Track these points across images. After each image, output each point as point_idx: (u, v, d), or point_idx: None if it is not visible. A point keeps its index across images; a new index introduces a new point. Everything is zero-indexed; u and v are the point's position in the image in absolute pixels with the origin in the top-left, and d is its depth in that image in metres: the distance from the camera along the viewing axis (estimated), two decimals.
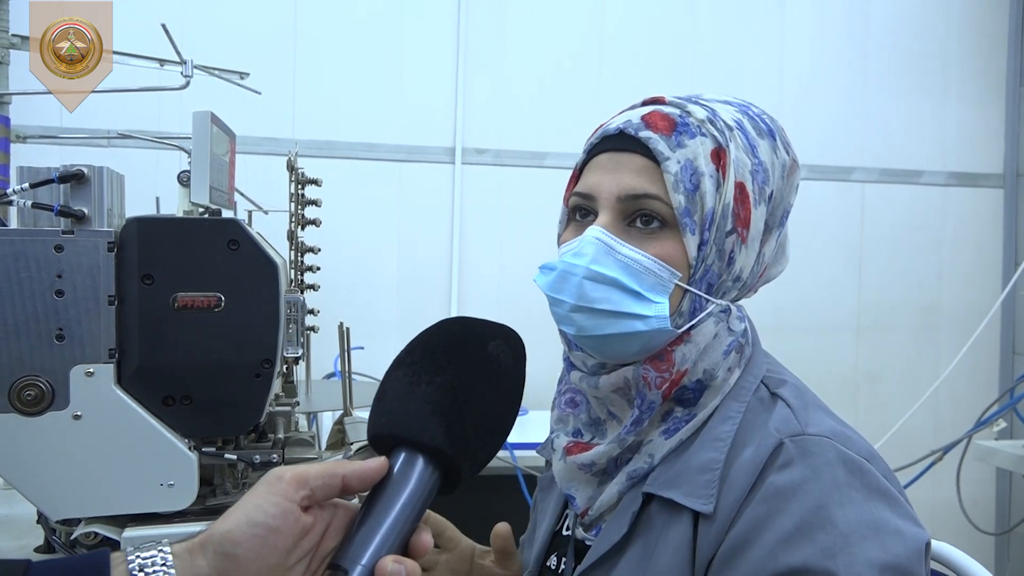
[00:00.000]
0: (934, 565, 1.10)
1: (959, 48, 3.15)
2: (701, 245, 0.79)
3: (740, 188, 0.80)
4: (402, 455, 0.63)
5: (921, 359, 3.14)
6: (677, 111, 0.82)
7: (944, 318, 3.17)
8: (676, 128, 0.80)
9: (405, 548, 0.61)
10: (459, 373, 0.66)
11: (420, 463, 0.63)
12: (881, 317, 3.12)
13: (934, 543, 1.08)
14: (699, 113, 0.81)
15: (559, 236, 0.89)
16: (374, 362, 2.51)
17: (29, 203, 0.94)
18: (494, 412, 0.67)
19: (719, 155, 0.80)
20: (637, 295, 0.78)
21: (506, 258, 2.77)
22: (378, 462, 0.62)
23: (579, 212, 0.85)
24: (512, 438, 0.95)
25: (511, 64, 2.80)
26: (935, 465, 2.57)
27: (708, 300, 0.81)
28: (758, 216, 0.82)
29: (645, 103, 0.86)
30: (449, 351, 0.67)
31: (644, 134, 0.79)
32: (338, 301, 2.11)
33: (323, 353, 2.17)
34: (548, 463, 0.99)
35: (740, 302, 0.88)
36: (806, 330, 3.03)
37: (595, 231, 0.80)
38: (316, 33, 2.66)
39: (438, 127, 2.76)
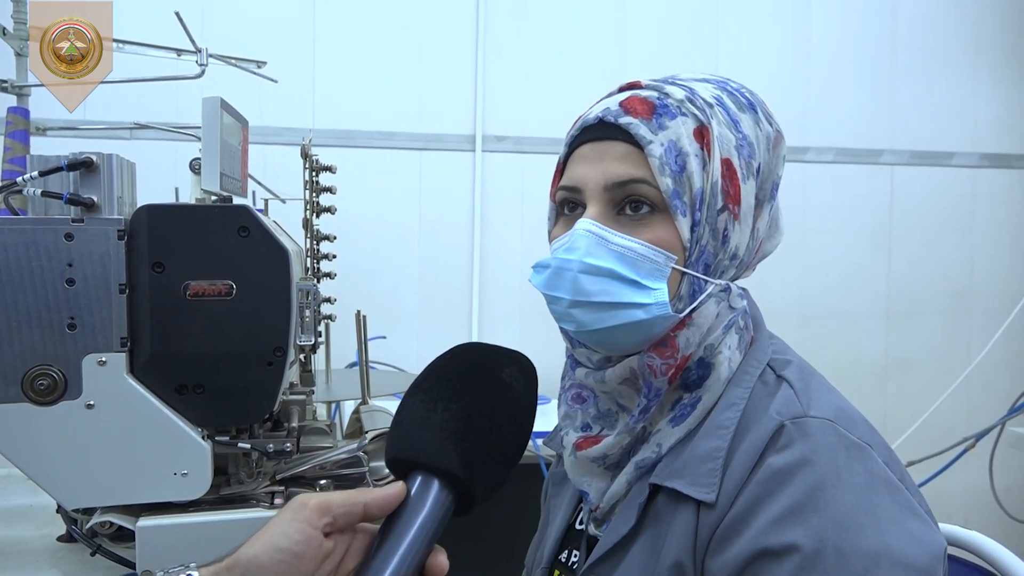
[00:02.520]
0: (967, 555, 1.07)
1: (990, 26, 3.07)
2: (694, 226, 0.78)
3: (727, 164, 0.78)
4: (418, 479, 0.65)
5: (952, 345, 3.08)
6: (655, 94, 0.80)
7: (976, 303, 3.10)
8: (655, 110, 0.78)
9: (421, 570, 0.63)
10: (473, 400, 0.68)
11: (436, 487, 0.65)
12: (911, 303, 3.07)
13: (965, 532, 1.06)
14: (677, 93, 0.80)
15: (549, 233, 0.87)
16: (396, 350, 2.52)
17: (39, 191, 0.93)
18: (507, 437, 0.69)
19: (702, 133, 0.78)
20: (635, 283, 0.77)
21: (527, 245, 2.75)
22: (396, 488, 0.64)
23: (567, 206, 0.84)
24: (536, 426, 0.94)
25: (531, 50, 2.77)
26: (967, 452, 2.52)
27: (707, 281, 0.79)
28: (748, 191, 0.80)
29: (622, 89, 0.84)
30: (464, 378, 0.69)
31: (624, 120, 0.78)
32: (360, 290, 2.10)
33: (345, 342, 2.17)
34: (559, 457, 0.98)
35: (739, 282, 0.86)
36: (834, 316, 2.98)
37: (585, 223, 0.79)
38: (335, 22, 2.65)
39: (458, 115, 2.74)
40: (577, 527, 0.91)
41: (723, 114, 0.80)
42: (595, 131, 0.81)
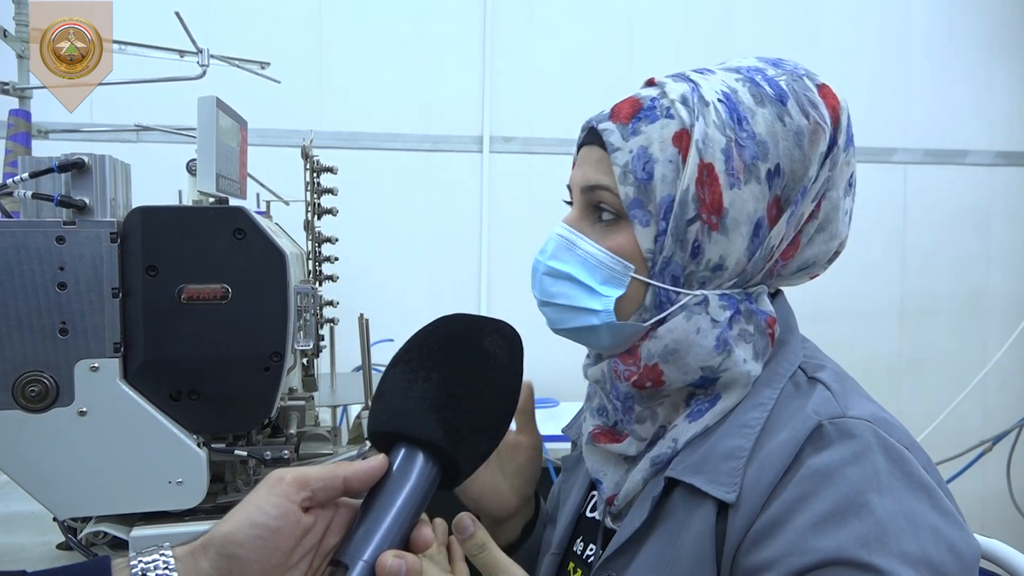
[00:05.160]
0: (983, 563, 1.04)
1: (1005, 20, 3.02)
2: (659, 236, 0.76)
3: (707, 170, 0.74)
4: (401, 451, 0.63)
5: (968, 346, 3.03)
6: (653, 93, 0.79)
7: (992, 303, 3.06)
8: (637, 114, 0.77)
9: (406, 543, 0.61)
10: (455, 369, 0.66)
11: (419, 459, 0.63)
12: (926, 303, 3.02)
13: (984, 540, 1.03)
14: (675, 92, 0.77)
15: None
16: None
17: (30, 193, 0.91)
18: (491, 407, 0.67)
19: (683, 137, 0.75)
20: (589, 289, 0.78)
21: (536, 246, 2.71)
22: (378, 460, 0.62)
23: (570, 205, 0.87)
24: (543, 430, 0.92)
25: (538, 50, 2.75)
26: (984, 455, 2.49)
27: (678, 293, 0.77)
28: (743, 196, 0.75)
29: (644, 86, 0.83)
30: (445, 347, 0.67)
31: (602, 125, 0.79)
32: (369, 293, 2.09)
33: (352, 345, 2.16)
34: (574, 443, 0.97)
35: (771, 290, 0.83)
36: (847, 317, 2.94)
37: (558, 227, 0.82)
38: (342, 24, 2.64)
39: (465, 116, 2.72)
40: (588, 515, 0.90)
41: (722, 113, 0.75)
42: (587, 134, 0.82)
